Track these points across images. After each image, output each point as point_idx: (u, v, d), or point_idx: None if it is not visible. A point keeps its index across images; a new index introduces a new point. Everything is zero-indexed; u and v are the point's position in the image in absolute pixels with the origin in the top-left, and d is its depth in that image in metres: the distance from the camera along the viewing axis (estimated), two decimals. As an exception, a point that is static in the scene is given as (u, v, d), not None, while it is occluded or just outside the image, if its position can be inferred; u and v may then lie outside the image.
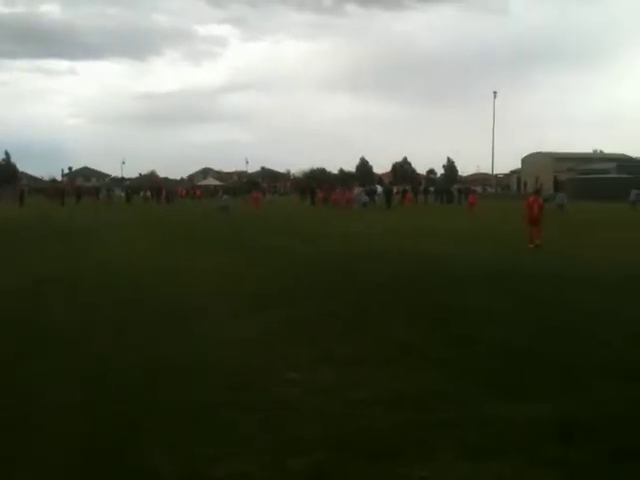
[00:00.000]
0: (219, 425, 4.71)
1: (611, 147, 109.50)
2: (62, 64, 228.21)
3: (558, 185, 48.98)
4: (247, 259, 15.49)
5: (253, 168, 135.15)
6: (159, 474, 3.98)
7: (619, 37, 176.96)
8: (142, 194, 74.01)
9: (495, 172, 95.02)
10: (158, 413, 4.97)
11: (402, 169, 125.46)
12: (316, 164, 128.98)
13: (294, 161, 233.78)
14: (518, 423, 4.67)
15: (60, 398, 5.32)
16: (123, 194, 76.29)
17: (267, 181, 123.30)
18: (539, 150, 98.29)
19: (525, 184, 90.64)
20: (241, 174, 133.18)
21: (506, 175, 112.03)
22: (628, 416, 4.86)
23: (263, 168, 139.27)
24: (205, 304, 9.43)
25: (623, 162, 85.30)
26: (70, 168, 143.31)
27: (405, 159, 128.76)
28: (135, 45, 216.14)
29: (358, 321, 8.19)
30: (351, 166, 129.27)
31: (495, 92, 78.70)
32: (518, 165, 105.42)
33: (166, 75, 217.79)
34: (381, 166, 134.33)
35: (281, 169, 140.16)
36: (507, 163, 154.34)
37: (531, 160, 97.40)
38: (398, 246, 18.09)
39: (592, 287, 10.93)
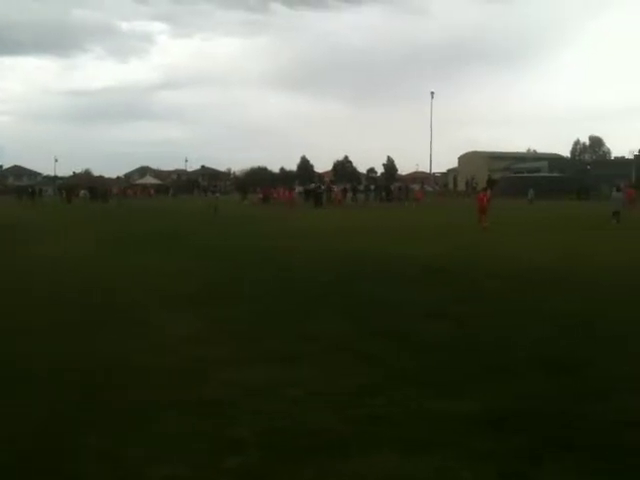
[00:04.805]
0: (154, 425, 4.61)
1: (545, 146, 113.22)
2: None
3: (490, 183, 50.61)
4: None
5: (192, 167, 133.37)
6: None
7: (542, 37, 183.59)
8: (82, 194, 70.93)
9: (433, 171, 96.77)
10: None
11: (343, 167, 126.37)
12: (256, 163, 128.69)
13: (234, 160, 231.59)
14: (450, 417, 4.75)
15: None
16: (60, 193, 73.03)
17: (207, 180, 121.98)
18: (475, 149, 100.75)
19: (466, 182, 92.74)
20: (181, 172, 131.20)
21: (443, 174, 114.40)
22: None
23: (203, 167, 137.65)
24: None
25: (554, 161, 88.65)
26: (0, 166, 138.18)
27: (346, 157, 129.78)
28: (58, 41, 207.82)
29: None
30: (292, 165, 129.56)
31: (432, 92, 79.88)
32: (455, 164, 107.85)
33: (93, 72, 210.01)
34: (322, 165, 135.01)
35: (221, 168, 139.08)
36: (445, 162, 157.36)
37: (467, 159, 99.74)
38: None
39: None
